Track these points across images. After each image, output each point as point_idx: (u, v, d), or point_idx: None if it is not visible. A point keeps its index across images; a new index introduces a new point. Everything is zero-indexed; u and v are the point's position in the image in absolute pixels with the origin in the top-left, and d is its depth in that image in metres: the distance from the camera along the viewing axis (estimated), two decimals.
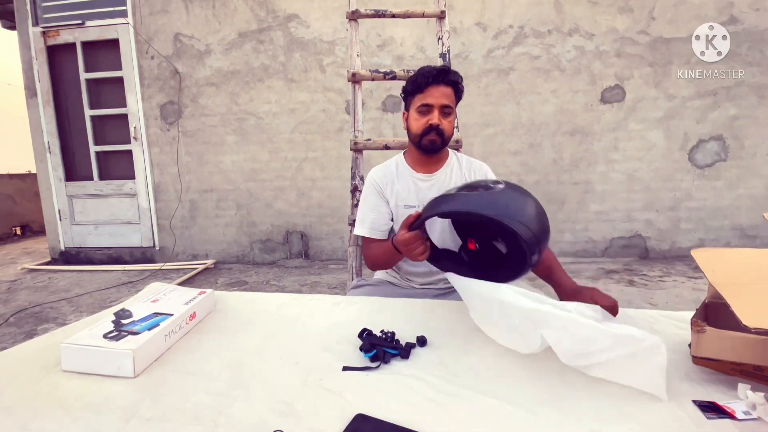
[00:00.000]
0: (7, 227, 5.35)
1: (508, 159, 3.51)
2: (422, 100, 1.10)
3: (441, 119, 1.10)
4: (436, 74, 1.09)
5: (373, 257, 1.16)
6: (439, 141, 1.11)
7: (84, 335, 0.67)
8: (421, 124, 1.11)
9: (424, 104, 1.10)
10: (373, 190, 1.20)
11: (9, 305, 2.70)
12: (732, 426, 0.50)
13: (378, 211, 1.18)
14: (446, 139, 1.13)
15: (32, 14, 3.65)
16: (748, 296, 0.58)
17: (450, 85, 1.11)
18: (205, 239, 3.80)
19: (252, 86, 3.58)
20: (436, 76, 1.09)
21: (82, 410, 0.55)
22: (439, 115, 1.10)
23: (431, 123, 1.09)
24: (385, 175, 1.21)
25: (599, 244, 3.54)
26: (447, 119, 1.12)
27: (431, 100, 1.09)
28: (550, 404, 0.56)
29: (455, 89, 1.13)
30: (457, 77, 1.12)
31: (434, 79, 1.09)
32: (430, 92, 1.09)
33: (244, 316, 0.89)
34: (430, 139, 1.11)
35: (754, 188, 3.38)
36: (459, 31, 3.39)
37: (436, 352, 0.72)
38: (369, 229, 1.17)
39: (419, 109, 1.11)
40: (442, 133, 1.11)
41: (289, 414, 0.54)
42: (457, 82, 1.12)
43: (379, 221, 1.18)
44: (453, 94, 1.12)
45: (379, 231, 1.17)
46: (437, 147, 1.13)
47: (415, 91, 1.12)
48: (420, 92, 1.11)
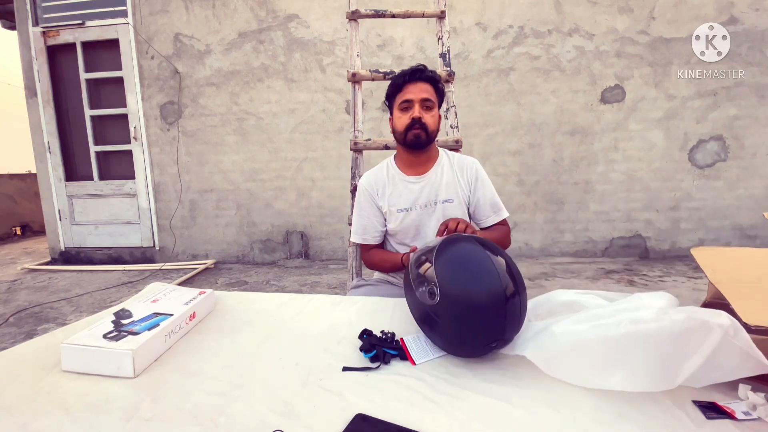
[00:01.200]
0: (7, 227, 5.35)
1: (508, 159, 3.51)
2: (402, 97, 1.13)
3: (422, 112, 1.11)
4: (411, 72, 1.13)
5: (376, 264, 1.20)
6: (423, 135, 1.12)
7: (84, 335, 0.67)
8: (404, 120, 1.13)
9: (405, 100, 1.12)
10: (365, 197, 1.22)
11: (9, 305, 2.70)
12: (732, 426, 0.50)
13: (370, 218, 1.21)
14: (431, 134, 1.14)
15: (32, 14, 3.65)
16: (749, 294, 0.58)
17: (428, 82, 1.13)
18: (205, 239, 3.80)
19: (252, 86, 3.58)
20: (412, 74, 1.12)
21: (82, 410, 0.55)
22: (420, 108, 1.11)
23: (413, 116, 1.11)
24: (377, 181, 1.22)
25: (599, 244, 3.54)
26: (429, 113, 1.13)
27: (410, 95, 1.12)
28: (550, 404, 0.56)
29: (435, 87, 1.14)
30: (434, 74, 1.15)
31: (410, 76, 1.12)
32: (408, 89, 1.12)
33: (244, 316, 0.89)
34: (414, 133, 1.12)
35: (754, 188, 3.38)
36: (459, 31, 3.39)
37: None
38: (362, 237, 1.22)
39: (401, 106, 1.14)
40: (425, 127, 1.12)
41: (289, 414, 0.54)
42: (435, 79, 1.14)
43: (372, 228, 1.21)
44: (433, 91, 1.14)
45: (374, 237, 1.21)
46: (422, 141, 1.13)
47: (395, 92, 1.15)
48: (399, 91, 1.14)
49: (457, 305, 0.64)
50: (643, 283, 2.85)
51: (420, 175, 1.19)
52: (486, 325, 0.63)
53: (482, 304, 0.63)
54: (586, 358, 0.58)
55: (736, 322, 0.53)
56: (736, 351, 0.53)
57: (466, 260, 0.69)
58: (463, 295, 0.64)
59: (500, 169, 3.49)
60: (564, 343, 0.60)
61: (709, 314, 0.55)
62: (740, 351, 0.52)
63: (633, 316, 0.58)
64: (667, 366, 0.54)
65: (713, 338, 0.52)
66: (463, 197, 1.20)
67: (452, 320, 0.65)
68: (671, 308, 0.59)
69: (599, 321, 0.60)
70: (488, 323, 0.63)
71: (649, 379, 0.55)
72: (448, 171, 1.20)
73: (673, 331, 0.54)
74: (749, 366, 0.53)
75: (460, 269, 0.67)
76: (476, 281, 0.65)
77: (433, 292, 0.67)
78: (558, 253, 3.57)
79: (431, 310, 0.67)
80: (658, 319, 0.55)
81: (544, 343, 0.62)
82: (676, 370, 0.54)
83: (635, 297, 0.66)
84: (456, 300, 0.64)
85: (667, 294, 0.66)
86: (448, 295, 0.65)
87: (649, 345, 0.55)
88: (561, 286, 2.80)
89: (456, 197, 1.18)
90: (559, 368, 0.61)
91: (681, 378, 0.53)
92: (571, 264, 3.38)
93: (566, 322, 0.63)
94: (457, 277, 0.66)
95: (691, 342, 0.54)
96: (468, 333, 0.64)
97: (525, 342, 0.65)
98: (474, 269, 0.66)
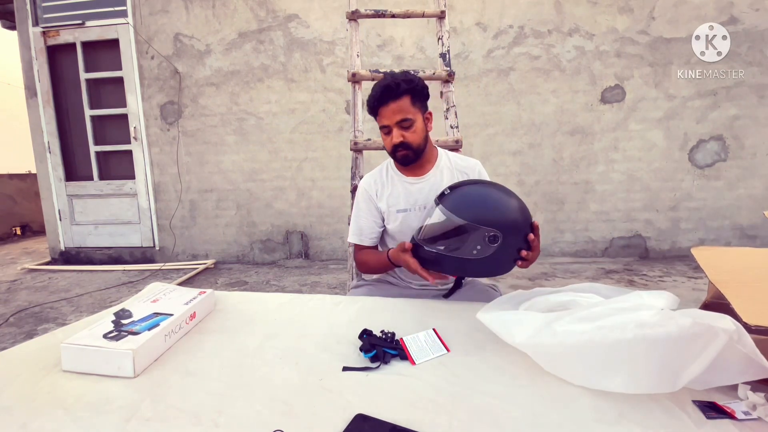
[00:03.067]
0: (7, 227, 5.35)
1: (508, 159, 3.51)
2: (380, 122, 1.12)
3: (403, 134, 1.09)
4: (380, 96, 1.07)
5: (365, 263, 1.19)
6: (410, 154, 1.12)
7: (84, 335, 0.67)
8: (387, 143, 1.13)
9: (382, 126, 1.11)
10: (364, 198, 1.22)
11: (9, 305, 2.70)
12: (732, 426, 0.50)
13: (368, 219, 1.21)
14: (417, 149, 1.12)
15: (32, 14, 3.65)
16: (749, 294, 0.58)
17: (400, 98, 1.06)
18: (205, 239, 3.80)
19: (252, 86, 3.58)
20: (380, 98, 1.07)
21: (82, 410, 0.55)
22: (399, 131, 1.08)
23: (394, 143, 1.10)
24: (376, 182, 1.22)
25: (599, 244, 3.54)
26: (410, 131, 1.09)
27: (385, 120, 1.09)
28: (550, 404, 0.56)
29: (412, 96, 1.07)
30: (407, 84, 1.06)
31: (379, 101, 1.08)
32: (382, 113, 1.09)
33: (244, 316, 0.89)
34: (401, 155, 1.12)
35: (754, 188, 3.38)
36: (459, 31, 3.39)
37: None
38: (359, 237, 1.22)
39: (381, 130, 1.13)
40: (409, 146, 1.10)
41: (289, 414, 0.54)
42: (411, 88, 1.07)
43: (369, 229, 1.21)
44: (410, 104, 1.07)
45: (369, 239, 1.21)
46: (411, 159, 1.13)
47: (373, 114, 1.13)
48: (376, 115, 1.12)
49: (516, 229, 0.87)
50: (643, 283, 2.85)
51: (419, 176, 1.19)
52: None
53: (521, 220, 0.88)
54: (588, 358, 0.58)
55: (740, 327, 0.53)
56: (740, 356, 0.53)
57: (489, 197, 0.91)
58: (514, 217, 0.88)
59: (500, 169, 3.49)
60: (566, 342, 0.60)
61: (713, 318, 0.55)
62: (744, 356, 0.52)
63: (638, 319, 0.57)
64: (670, 369, 0.54)
65: (718, 343, 0.52)
66: None
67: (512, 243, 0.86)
68: (674, 310, 0.59)
69: (602, 321, 0.59)
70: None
71: (651, 382, 0.55)
72: (448, 173, 1.20)
73: (680, 336, 0.54)
74: (752, 371, 0.53)
75: (497, 205, 0.89)
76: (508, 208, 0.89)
77: (495, 237, 0.85)
78: (558, 253, 3.57)
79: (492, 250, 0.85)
80: (665, 324, 0.55)
81: (546, 341, 0.62)
82: (679, 374, 0.54)
83: (635, 294, 0.66)
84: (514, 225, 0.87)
85: (666, 293, 0.65)
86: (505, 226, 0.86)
87: (654, 350, 0.54)
88: (561, 287, 2.80)
89: None
90: (561, 367, 0.61)
91: (683, 381, 0.53)
92: (571, 264, 3.38)
93: (568, 319, 0.62)
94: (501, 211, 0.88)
95: (695, 346, 0.53)
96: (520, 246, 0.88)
97: (526, 338, 0.64)
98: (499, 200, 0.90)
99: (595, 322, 0.60)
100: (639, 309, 0.60)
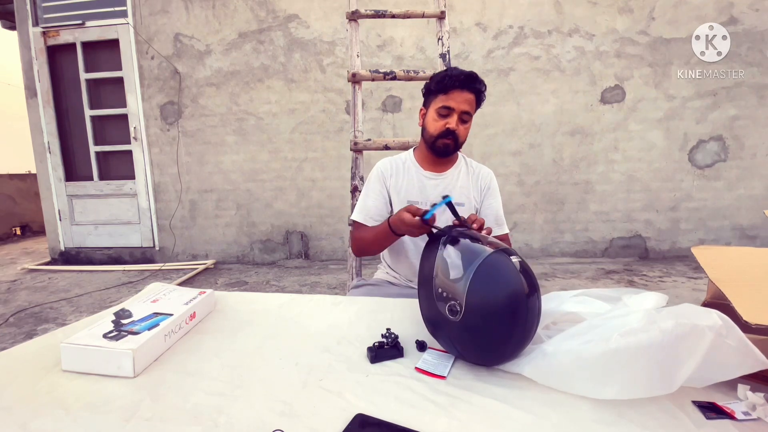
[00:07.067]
0: (7, 227, 5.35)
1: (508, 159, 3.51)
2: (444, 101, 1.08)
3: (459, 125, 1.09)
4: (463, 79, 1.06)
5: (362, 239, 1.15)
6: (452, 145, 1.12)
7: (84, 335, 0.67)
8: (439, 126, 1.10)
9: (446, 106, 1.08)
10: (378, 179, 1.21)
11: (9, 305, 2.70)
12: (732, 426, 0.50)
13: (377, 200, 1.19)
14: (459, 145, 1.14)
15: (32, 14, 3.65)
16: (749, 293, 0.58)
17: (474, 92, 1.08)
18: (205, 239, 3.80)
19: (252, 86, 3.58)
20: (464, 81, 1.06)
21: (82, 410, 0.55)
22: (458, 120, 1.09)
23: (449, 127, 1.08)
24: (392, 167, 1.22)
25: (599, 245, 3.54)
26: (464, 125, 1.11)
27: (453, 104, 1.07)
28: (550, 404, 0.56)
29: (477, 97, 1.10)
30: (483, 86, 1.10)
31: (461, 84, 1.06)
32: (453, 96, 1.07)
33: (244, 316, 0.89)
34: (444, 143, 1.11)
35: (754, 188, 3.38)
36: (459, 31, 3.39)
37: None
38: (363, 216, 1.18)
39: (439, 111, 1.10)
40: (456, 139, 1.11)
41: (289, 414, 0.54)
42: (481, 90, 1.10)
43: (376, 210, 1.18)
44: (474, 102, 1.10)
45: (373, 219, 1.17)
46: (450, 151, 1.14)
47: (438, 91, 1.10)
48: (444, 93, 1.08)
49: (481, 317, 0.62)
50: (643, 283, 2.85)
51: (438, 173, 1.20)
52: (505, 337, 0.63)
53: (504, 313, 0.62)
54: (582, 372, 0.58)
55: (728, 320, 0.53)
56: (730, 350, 0.53)
57: (491, 274, 0.64)
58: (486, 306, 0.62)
59: (500, 169, 3.49)
60: (558, 362, 0.60)
61: (698, 315, 0.54)
62: (735, 350, 0.52)
63: (622, 328, 0.57)
64: (663, 373, 0.54)
65: (705, 341, 0.52)
66: (474, 203, 1.21)
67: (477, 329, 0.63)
68: (659, 312, 0.59)
69: (588, 335, 0.59)
70: (508, 335, 0.62)
71: (647, 386, 0.55)
72: (464, 175, 1.22)
73: (664, 339, 0.54)
74: (748, 363, 0.53)
75: (486, 283, 0.63)
76: (498, 291, 0.62)
77: (455, 310, 0.64)
78: (558, 253, 3.57)
79: (452, 324, 0.65)
80: (647, 329, 0.55)
81: (538, 363, 0.62)
82: (673, 376, 0.54)
83: (626, 299, 0.67)
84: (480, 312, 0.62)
85: (655, 294, 0.66)
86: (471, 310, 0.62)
87: (641, 356, 0.55)
88: (561, 287, 2.80)
89: (467, 202, 1.20)
90: (557, 382, 0.60)
91: (679, 382, 0.53)
92: (571, 264, 3.38)
93: (556, 339, 0.63)
94: (483, 292, 0.63)
95: (683, 348, 0.53)
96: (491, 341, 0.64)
97: (519, 360, 0.65)
98: (497, 279, 0.63)
99: (582, 337, 0.60)
100: (627, 315, 0.60)
